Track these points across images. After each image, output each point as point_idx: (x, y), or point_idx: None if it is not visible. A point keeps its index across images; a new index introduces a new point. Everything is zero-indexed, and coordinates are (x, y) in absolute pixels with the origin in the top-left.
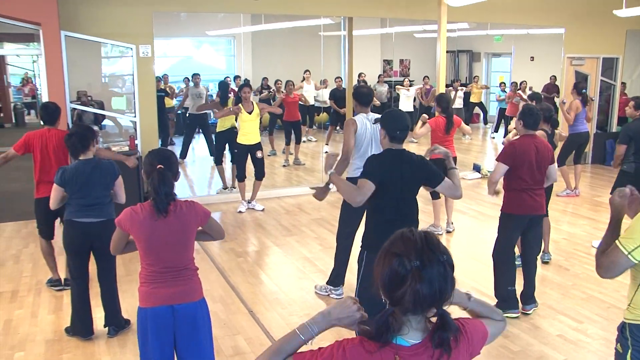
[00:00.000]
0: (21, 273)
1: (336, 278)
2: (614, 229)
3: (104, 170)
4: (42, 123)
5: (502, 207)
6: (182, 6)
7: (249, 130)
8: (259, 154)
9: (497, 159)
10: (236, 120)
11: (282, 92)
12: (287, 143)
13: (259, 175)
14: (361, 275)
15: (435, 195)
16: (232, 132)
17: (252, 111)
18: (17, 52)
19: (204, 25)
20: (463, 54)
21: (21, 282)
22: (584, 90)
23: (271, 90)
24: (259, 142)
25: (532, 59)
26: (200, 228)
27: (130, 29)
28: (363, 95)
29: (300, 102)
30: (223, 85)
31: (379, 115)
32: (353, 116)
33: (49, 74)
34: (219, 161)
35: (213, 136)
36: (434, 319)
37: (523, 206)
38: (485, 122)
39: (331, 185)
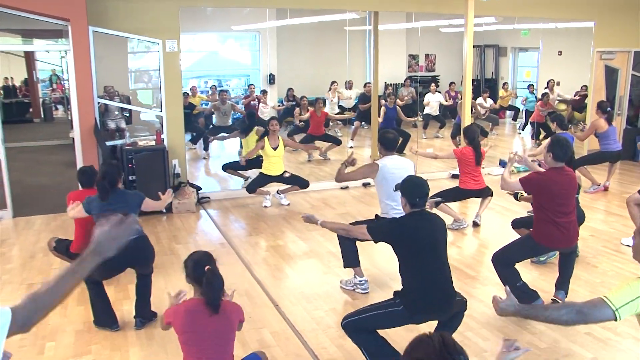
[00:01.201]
0: (51, 265)
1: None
2: None
3: (129, 196)
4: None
5: (533, 234)
6: (209, 1)
7: (273, 163)
8: (286, 175)
9: (520, 179)
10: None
11: (307, 107)
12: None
13: (303, 185)
14: (381, 314)
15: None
16: (258, 160)
17: (277, 147)
18: (46, 48)
19: (229, 20)
20: (489, 48)
21: (51, 274)
22: (608, 109)
23: (298, 104)
24: (284, 171)
25: (560, 53)
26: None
27: (156, 24)
28: (388, 141)
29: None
30: (250, 116)
31: (402, 159)
32: (377, 161)
33: (77, 69)
34: (227, 168)
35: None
36: None
37: (553, 240)
38: (514, 119)
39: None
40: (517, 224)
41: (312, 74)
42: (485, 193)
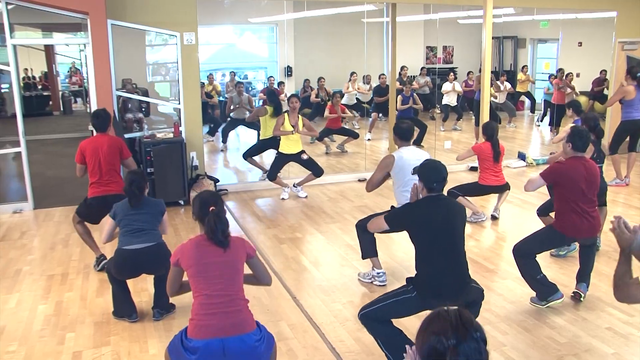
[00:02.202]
0: (70, 257)
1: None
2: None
3: (153, 203)
4: (93, 131)
5: (555, 224)
6: None
7: (291, 140)
8: (304, 156)
9: (540, 174)
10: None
11: (325, 88)
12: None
13: (317, 173)
14: (395, 302)
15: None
16: (275, 140)
17: (296, 124)
18: (66, 42)
19: (246, 12)
20: (508, 40)
21: (70, 266)
22: (639, 75)
23: (318, 96)
24: (302, 150)
25: (580, 44)
26: (246, 264)
27: (174, 17)
28: (403, 131)
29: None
30: (272, 95)
31: (418, 150)
32: (393, 152)
33: (95, 62)
34: (247, 155)
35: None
36: None
37: (577, 229)
38: (532, 111)
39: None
40: (542, 210)
41: (330, 66)
42: (504, 188)
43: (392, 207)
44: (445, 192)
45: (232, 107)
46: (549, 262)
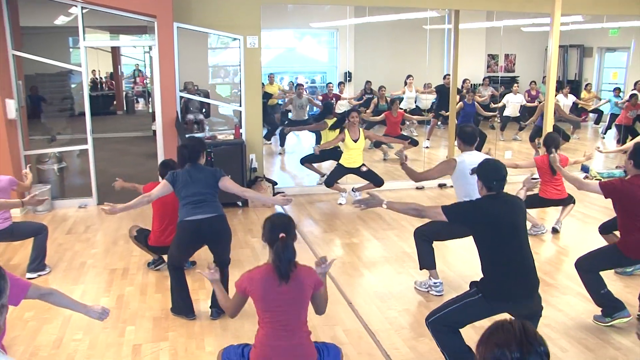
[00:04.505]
0: (131, 252)
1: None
2: None
3: (208, 171)
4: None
5: (619, 243)
6: None
7: (353, 155)
8: (363, 169)
9: (599, 183)
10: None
11: (385, 96)
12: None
13: (378, 183)
14: (460, 306)
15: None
16: (336, 151)
17: (358, 139)
18: (133, 44)
19: (308, 17)
20: (573, 49)
21: (131, 261)
22: None
23: (374, 97)
24: (362, 164)
25: None
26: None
27: (238, 21)
28: (467, 135)
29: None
30: (327, 107)
31: (482, 155)
32: (455, 156)
33: (161, 64)
34: (305, 161)
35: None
36: None
37: None
38: (597, 122)
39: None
40: (605, 228)
41: (390, 72)
42: (567, 202)
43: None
44: None
45: (290, 109)
46: (613, 279)
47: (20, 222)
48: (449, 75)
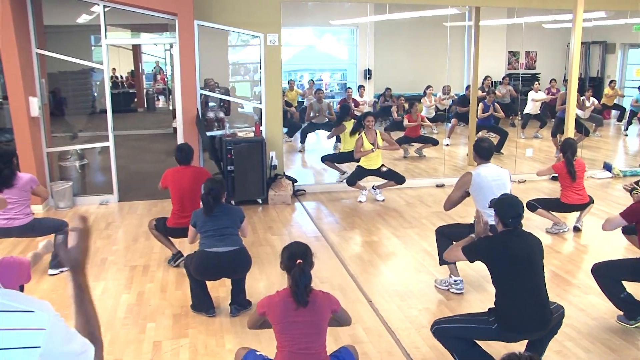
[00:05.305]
0: (152, 249)
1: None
2: None
3: (231, 211)
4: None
5: None
6: None
7: (371, 158)
8: (384, 169)
9: (620, 213)
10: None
11: (404, 106)
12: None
13: (400, 181)
14: (473, 328)
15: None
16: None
17: (374, 142)
18: (154, 42)
19: (328, 14)
20: (596, 45)
21: (152, 258)
22: None
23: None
24: (382, 165)
25: None
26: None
27: (259, 18)
28: (483, 150)
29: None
30: (344, 109)
31: (497, 168)
32: (471, 170)
33: (182, 62)
34: (326, 159)
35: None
36: None
37: None
38: (620, 119)
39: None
40: (628, 229)
41: (410, 69)
42: (587, 205)
43: (470, 224)
44: (524, 203)
45: (311, 115)
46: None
47: (42, 218)
48: (471, 86)
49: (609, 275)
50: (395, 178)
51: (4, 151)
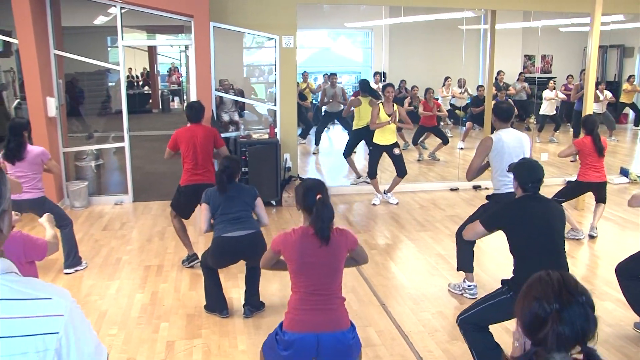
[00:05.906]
0: (166, 249)
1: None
2: None
3: (244, 189)
4: (188, 121)
5: None
6: None
7: (385, 130)
8: (396, 151)
9: None
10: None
11: (418, 97)
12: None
13: (401, 172)
14: (491, 304)
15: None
16: (368, 130)
17: (391, 113)
18: (169, 43)
19: (343, 17)
20: (613, 49)
21: (165, 258)
22: None
23: (407, 96)
24: (396, 142)
25: None
26: (348, 254)
27: (274, 20)
28: (503, 112)
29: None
30: (365, 84)
31: (518, 132)
32: (491, 133)
33: (197, 63)
34: (347, 154)
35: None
36: (578, 355)
37: None
38: (636, 124)
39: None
40: None
41: (425, 72)
42: (603, 188)
43: (482, 206)
44: None
45: (325, 100)
46: None
47: (54, 204)
48: (483, 86)
49: (631, 276)
50: (399, 167)
51: (15, 123)
